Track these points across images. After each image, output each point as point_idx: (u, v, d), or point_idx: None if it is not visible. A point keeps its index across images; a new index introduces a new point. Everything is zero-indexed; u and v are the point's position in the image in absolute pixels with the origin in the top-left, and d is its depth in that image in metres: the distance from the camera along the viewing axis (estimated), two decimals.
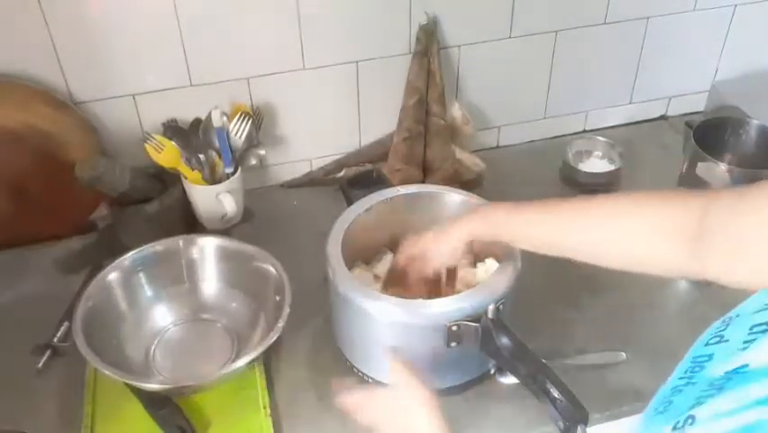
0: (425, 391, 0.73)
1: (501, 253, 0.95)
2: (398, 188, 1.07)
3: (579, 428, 0.72)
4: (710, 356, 0.52)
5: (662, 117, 1.53)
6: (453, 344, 0.88)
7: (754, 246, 0.55)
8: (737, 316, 0.54)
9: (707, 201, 0.65)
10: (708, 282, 1.10)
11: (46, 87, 1.12)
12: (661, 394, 0.55)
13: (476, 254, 1.06)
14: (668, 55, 1.43)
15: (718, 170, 1.09)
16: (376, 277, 1.04)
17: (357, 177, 1.30)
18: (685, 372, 0.54)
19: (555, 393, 0.73)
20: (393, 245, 1.10)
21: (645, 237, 0.71)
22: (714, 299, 1.09)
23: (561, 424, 0.76)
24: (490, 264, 1.05)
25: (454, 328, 0.86)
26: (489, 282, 0.92)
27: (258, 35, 1.17)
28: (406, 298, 0.91)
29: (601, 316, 1.09)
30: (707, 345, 0.54)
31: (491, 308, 0.83)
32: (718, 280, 0.61)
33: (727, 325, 0.54)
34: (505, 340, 0.79)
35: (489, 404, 0.95)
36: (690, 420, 0.47)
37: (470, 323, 0.85)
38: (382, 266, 1.05)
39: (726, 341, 0.52)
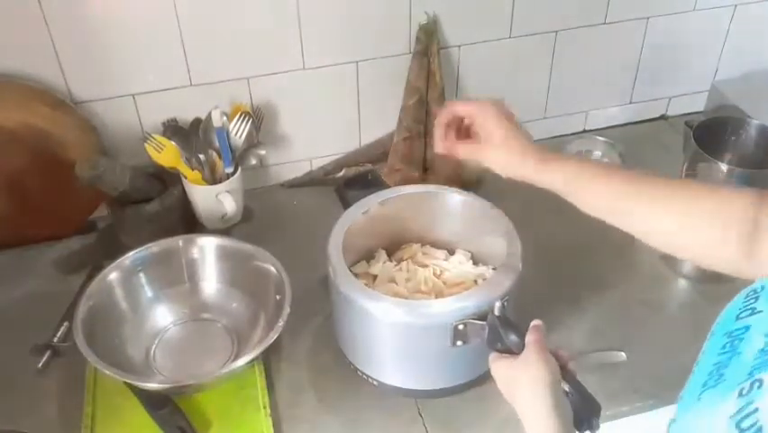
0: (545, 373, 0.72)
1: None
2: (398, 188, 1.07)
3: (592, 420, 0.72)
4: (747, 328, 0.54)
5: (663, 117, 1.53)
6: (459, 343, 0.88)
7: None
8: (763, 288, 0.55)
9: (759, 198, 0.65)
10: (709, 281, 1.09)
11: (46, 87, 1.12)
12: (702, 372, 0.55)
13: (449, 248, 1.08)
14: (668, 55, 1.43)
15: (718, 169, 1.09)
16: (374, 277, 1.04)
17: (353, 178, 1.31)
18: (723, 346, 0.54)
19: (566, 387, 0.73)
20: (392, 245, 1.10)
21: (693, 224, 0.71)
22: (714, 298, 1.09)
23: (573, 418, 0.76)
24: (460, 258, 1.07)
25: (461, 327, 0.86)
26: (492, 280, 0.92)
27: (258, 35, 1.17)
28: (411, 298, 0.90)
29: (601, 316, 1.09)
30: (738, 318, 0.55)
31: (497, 305, 0.83)
32: None
33: (756, 298, 0.55)
34: (513, 337, 0.78)
35: (492, 403, 0.95)
36: (757, 384, 0.48)
37: (476, 321, 0.85)
38: (378, 266, 1.06)
39: (761, 312, 0.54)
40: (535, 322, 0.78)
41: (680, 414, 0.55)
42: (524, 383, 0.73)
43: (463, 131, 0.90)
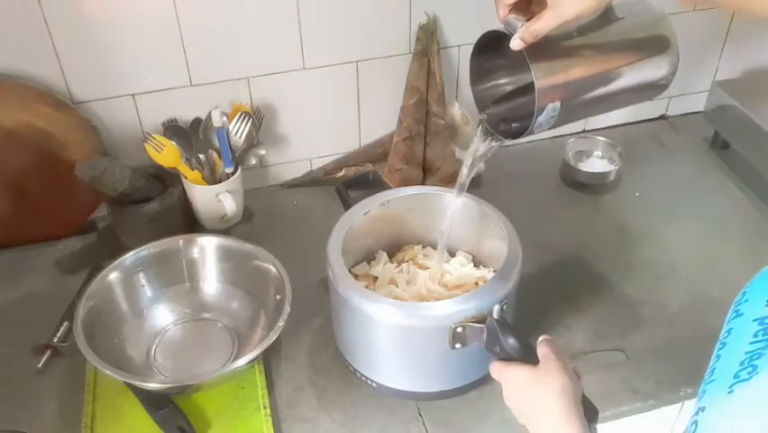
0: (563, 379, 0.71)
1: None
2: (399, 189, 1.07)
3: (590, 425, 0.72)
4: None
5: (663, 117, 1.53)
6: (458, 345, 0.88)
7: None
8: None
9: None
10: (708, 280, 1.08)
11: (46, 87, 1.12)
12: (731, 360, 0.54)
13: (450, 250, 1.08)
14: None
15: None
16: (375, 278, 1.04)
17: (354, 179, 1.31)
18: (756, 334, 0.54)
19: None
20: (393, 247, 1.10)
21: None
22: (714, 298, 1.10)
23: None
24: (461, 259, 1.07)
25: (459, 330, 0.86)
26: (491, 283, 0.92)
27: (258, 35, 1.17)
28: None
29: (601, 316, 1.09)
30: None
31: (496, 308, 0.83)
32: None
33: None
34: (512, 341, 0.78)
35: (491, 405, 0.95)
36: None
37: (475, 324, 0.85)
38: (379, 267, 1.06)
39: None
40: (544, 337, 0.78)
41: (708, 403, 0.53)
42: (547, 394, 0.72)
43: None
